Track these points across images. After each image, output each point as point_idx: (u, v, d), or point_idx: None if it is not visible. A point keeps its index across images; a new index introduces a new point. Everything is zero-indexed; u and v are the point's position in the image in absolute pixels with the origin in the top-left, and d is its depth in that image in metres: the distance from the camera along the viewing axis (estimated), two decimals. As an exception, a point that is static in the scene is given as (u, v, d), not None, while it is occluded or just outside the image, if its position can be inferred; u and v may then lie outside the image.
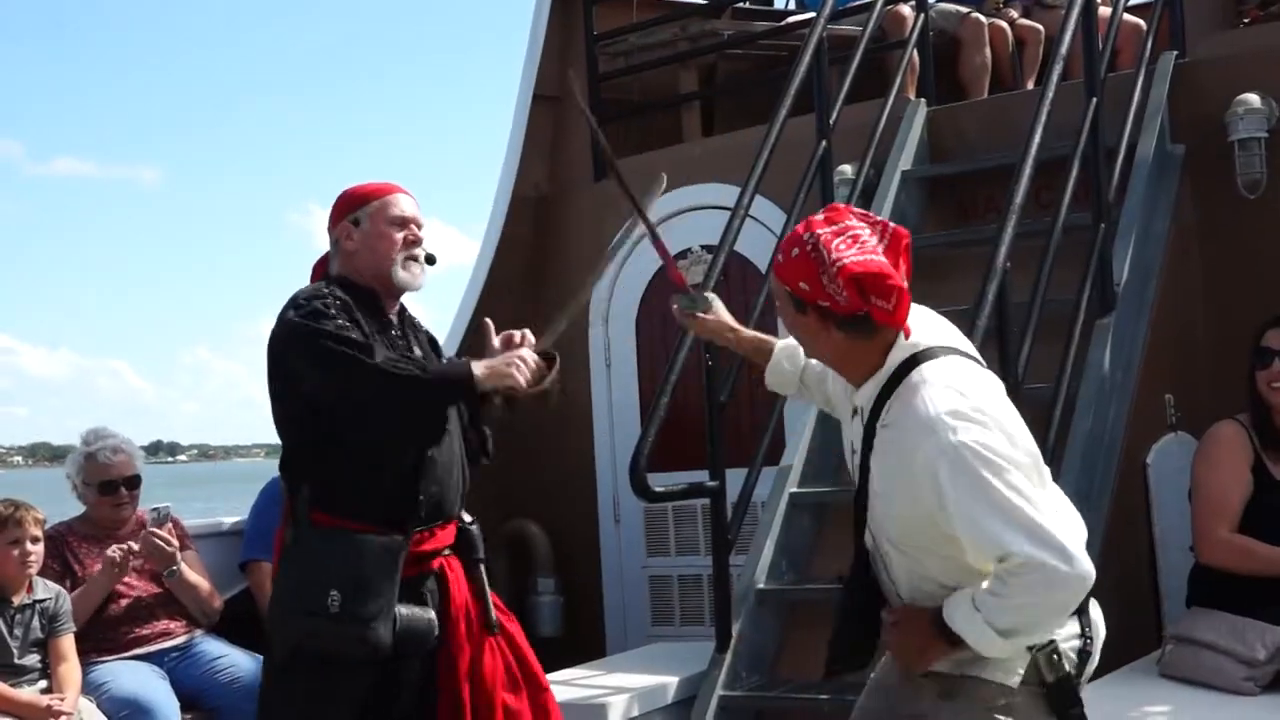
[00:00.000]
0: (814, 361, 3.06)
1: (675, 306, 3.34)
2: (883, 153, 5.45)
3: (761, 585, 4.58)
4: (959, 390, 2.59)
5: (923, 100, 5.76)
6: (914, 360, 2.67)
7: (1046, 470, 2.70)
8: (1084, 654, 2.71)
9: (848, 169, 5.38)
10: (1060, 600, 2.53)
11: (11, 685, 4.48)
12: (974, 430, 2.51)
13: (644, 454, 4.26)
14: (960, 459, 2.49)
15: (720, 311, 3.34)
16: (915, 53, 5.76)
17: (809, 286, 2.66)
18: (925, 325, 2.80)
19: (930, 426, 2.52)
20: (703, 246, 6.13)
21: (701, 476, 4.60)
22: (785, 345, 3.24)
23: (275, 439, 3.63)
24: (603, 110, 6.67)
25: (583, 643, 6.02)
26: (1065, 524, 2.58)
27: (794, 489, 4.76)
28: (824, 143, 5.12)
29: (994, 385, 2.73)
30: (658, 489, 4.35)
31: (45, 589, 4.60)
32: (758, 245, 5.54)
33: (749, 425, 5.39)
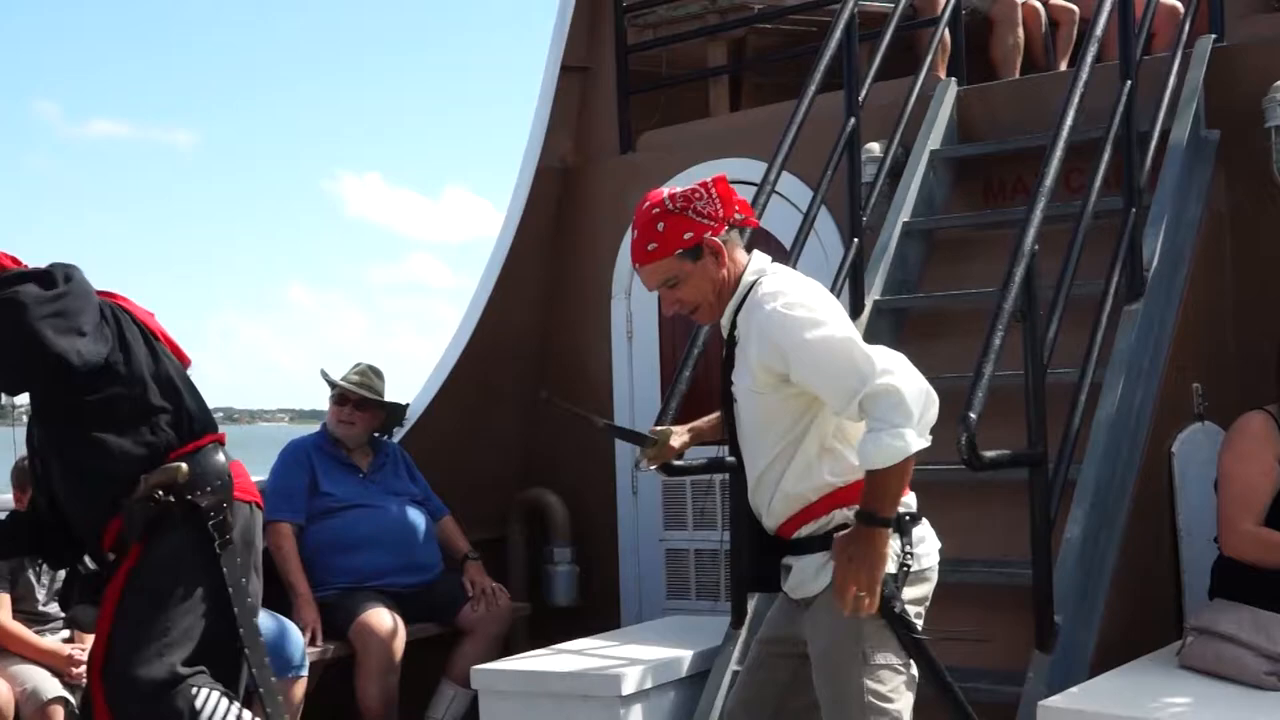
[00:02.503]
0: None
1: (640, 466, 3.81)
2: (911, 132, 5.41)
3: (779, 562, 4.57)
4: (788, 284, 3.19)
5: (953, 79, 5.71)
6: (753, 283, 3.23)
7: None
8: (904, 569, 3.14)
9: (875, 147, 5.35)
10: (918, 400, 3.03)
11: (36, 632, 4.55)
12: (794, 295, 3.12)
13: (665, 427, 4.25)
14: (789, 319, 3.06)
15: (674, 434, 3.73)
16: (947, 31, 5.72)
17: (691, 232, 3.20)
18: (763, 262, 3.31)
19: (761, 304, 3.13)
20: (728, 221, 6.10)
21: (721, 451, 4.59)
22: None
23: (299, 403, 3.88)
24: (630, 83, 6.65)
25: (598, 613, 6.04)
26: (887, 352, 3.11)
27: (814, 465, 4.75)
28: (852, 120, 5.09)
29: (816, 284, 3.28)
30: (676, 463, 4.34)
31: None
32: (784, 222, 5.52)
33: (769, 401, 5.37)
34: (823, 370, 3.06)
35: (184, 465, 3.77)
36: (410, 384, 6.71)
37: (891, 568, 3.09)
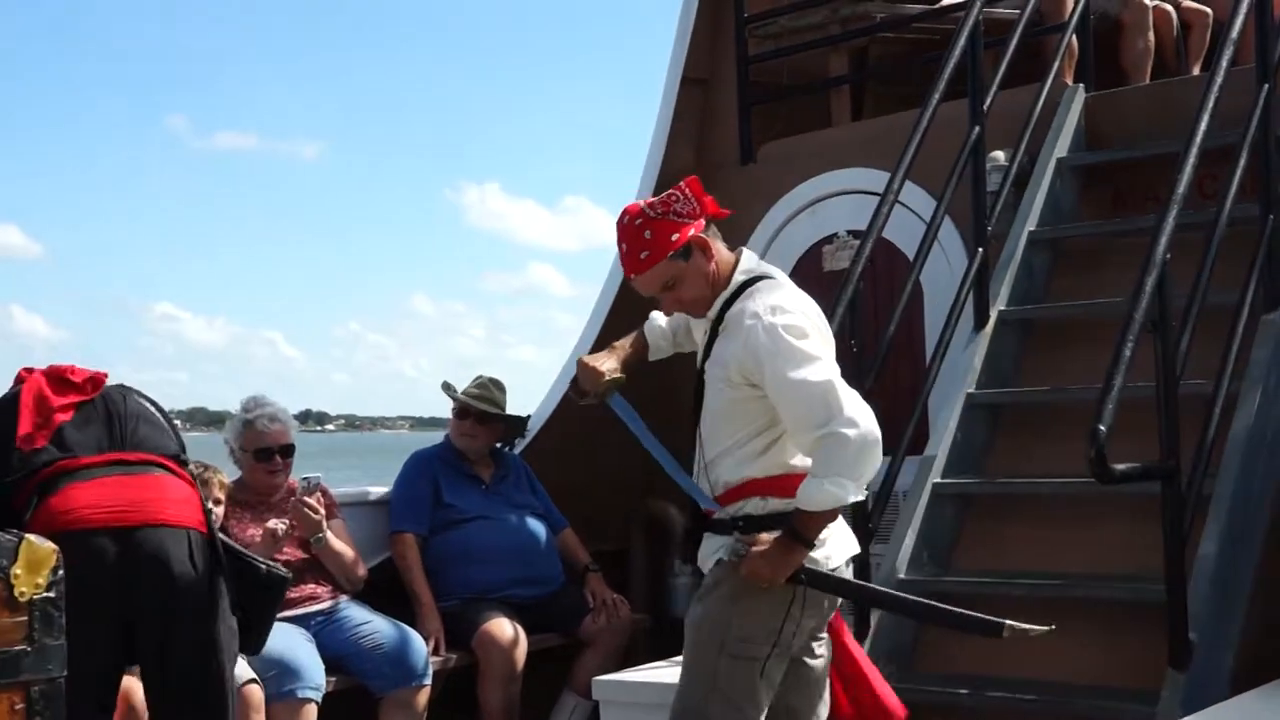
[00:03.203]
0: (673, 324, 3.81)
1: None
2: (1037, 139, 5.32)
3: (902, 575, 4.52)
4: (789, 301, 3.42)
5: (1080, 86, 5.61)
6: (751, 282, 3.47)
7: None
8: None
9: (1000, 155, 5.27)
10: (867, 457, 3.28)
11: None
12: (794, 319, 3.34)
13: (784, 438, 4.22)
14: (782, 343, 3.29)
15: (597, 361, 3.78)
16: (1074, 36, 5.62)
17: (678, 233, 3.44)
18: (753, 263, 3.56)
19: (759, 313, 3.34)
20: (849, 232, 6.06)
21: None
22: (655, 331, 3.89)
23: (419, 411, 3.88)
24: (751, 94, 6.63)
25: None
26: (857, 401, 3.32)
27: (937, 479, 4.69)
28: (977, 128, 5.02)
29: (814, 306, 3.53)
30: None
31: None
32: (906, 231, 5.46)
33: (891, 414, 5.28)
34: (797, 401, 3.30)
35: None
36: (529, 393, 6.75)
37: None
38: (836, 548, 3.50)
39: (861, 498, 3.40)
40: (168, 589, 3.55)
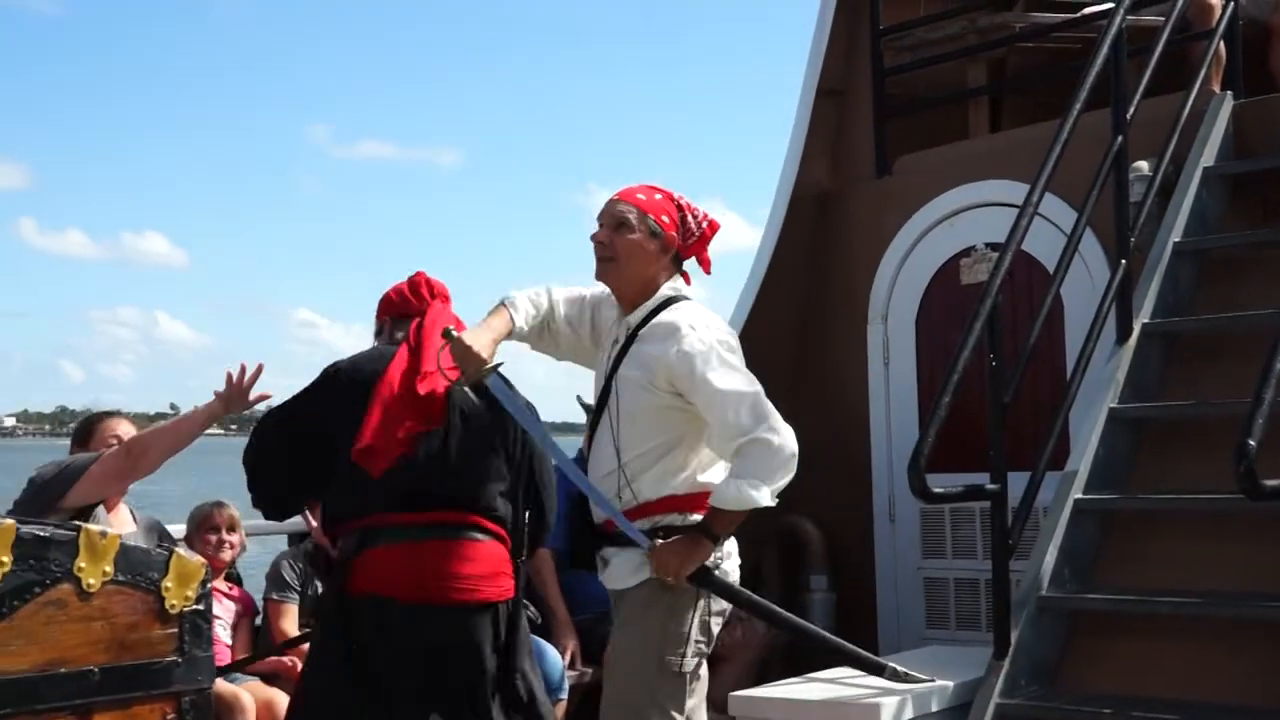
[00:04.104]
0: (568, 311, 3.82)
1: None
2: (1183, 148, 5.20)
3: (1043, 592, 4.44)
4: (712, 319, 3.64)
5: (1229, 93, 5.46)
6: (672, 300, 3.65)
7: None
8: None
9: (1144, 165, 5.16)
10: (786, 466, 3.49)
11: None
12: (721, 333, 3.58)
13: (923, 454, 4.17)
14: (713, 354, 3.48)
15: (475, 342, 3.59)
16: (1222, 42, 5.47)
17: (670, 219, 3.66)
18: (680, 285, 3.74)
19: (687, 325, 3.52)
20: (987, 244, 5.98)
21: (980, 478, 4.47)
22: (528, 314, 3.76)
23: (548, 417, 4.01)
24: (887, 105, 6.58)
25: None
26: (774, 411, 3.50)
27: (1079, 495, 4.60)
28: (1120, 138, 4.91)
29: (715, 322, 3.68)
30: (936, 490, 4.26)
31: None
32: (1046, 244, 5.38)
33: (1032, 428, 5.22)
34: (727, 407, 3.45)
35: (340, 545, 3.84)
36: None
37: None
38: (733, 562, 3.72)
39: (773, 503, 3.52)
40: (466, 673, 3.70)
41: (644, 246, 3.66)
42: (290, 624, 4.81)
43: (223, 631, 4.64)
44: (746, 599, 3.84)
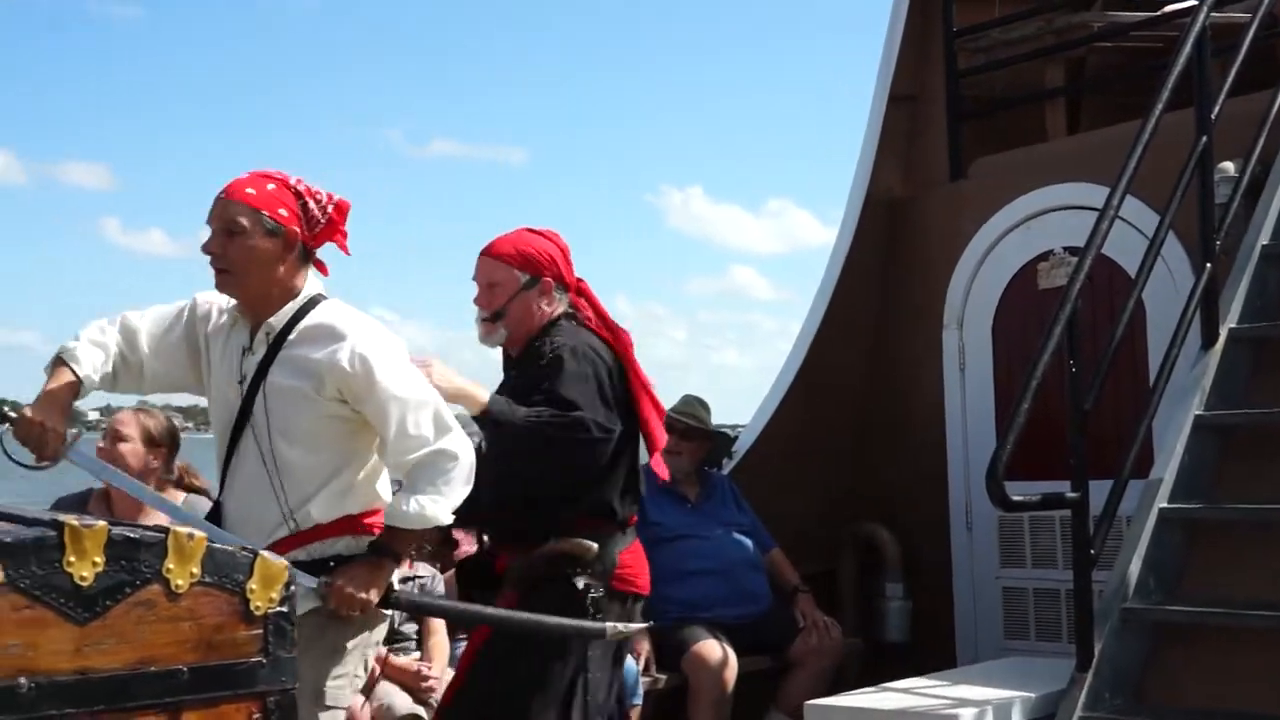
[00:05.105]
0: (153, 338, 3.36)
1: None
2: (1271, 148, 5.08)
3: (1128, 603, 4.35)
4: (373, 322, 3.30)
5: (1319, 90, 5.34)
6: (319, 298, 3.30)
7: None
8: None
9: (1229, 166, 5.05)
10: (467, 481, 3.20)
11: (390, 650, 4.80)
12: (387, 337, 3.26)
13: (1002, 462, 4.12)
14: (387, 358, 3.18)
15: (44, 416, 3.20)
16: (1312, 39, 5.36)
17: (288, 213, 3.24)
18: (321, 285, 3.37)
19: (356, 329, 3.20)
20: (1065, 248, 5.90)
21: (1060, 486, 4.41)
22: (96, 362, 3.28)
23: None
24: (961, 107, 6.52)
25: (931, 651, 5.90)
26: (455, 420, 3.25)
27: (1164, 504, 4.51)
28: (1204, 138, 4.82)
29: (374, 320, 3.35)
30: (1015, 498, 4.20)
31: (424, 567, 4.90)
32: (1127, 247, 5.29)
33: (1113, 435, 5.14)
34: (406, 416, 3.16)
35: (595, 547, 3.77)
36: (731, 396, 6.79)
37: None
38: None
39: (452, 520, 3.25)
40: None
41: (263, 249, 3.23)
42: None
43: None
44: (436, 608, 3.89)
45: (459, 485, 3.19)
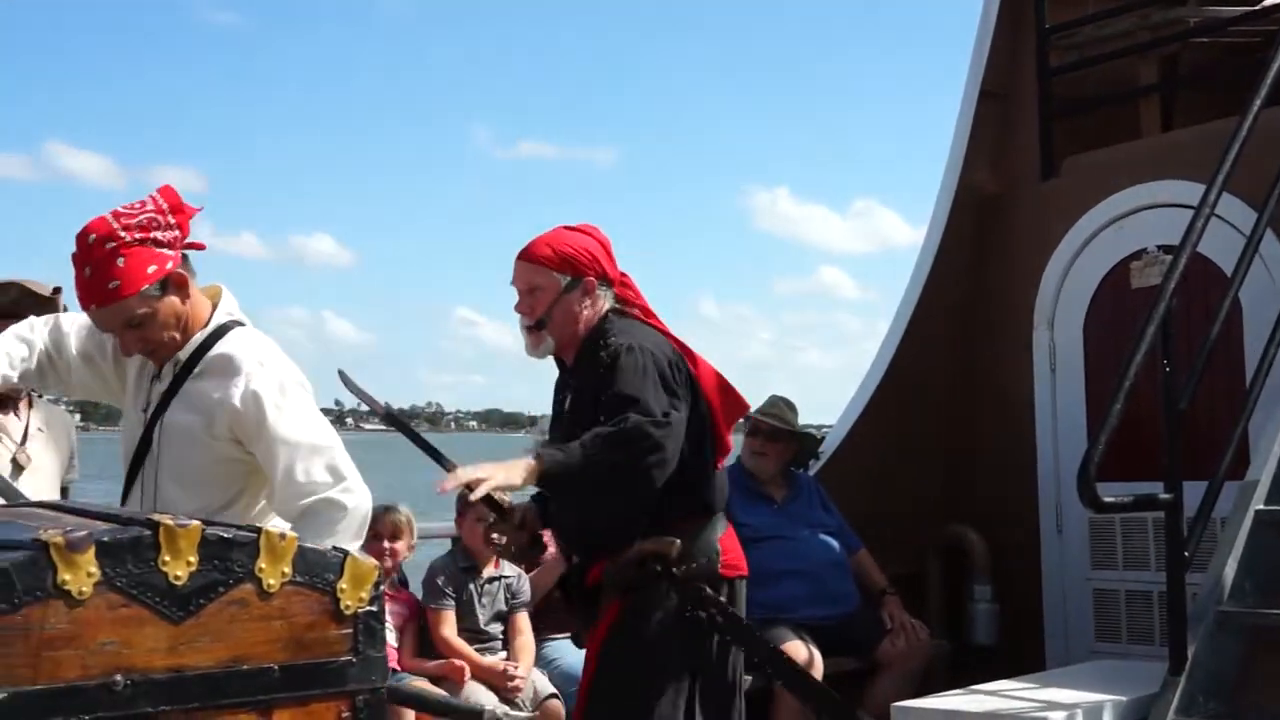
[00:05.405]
0: (85, 342, 3.28)
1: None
2: (1372, 144, 4.97)
3: (1222, 606, 4.28)
4: (275, 354, 3.15)
5: None
6: (230, 325, 3.17)
7: None
8: None
9: (1329, 162, 4.94)
10: (362, 531, 3.07)
11: (476, 650, 4.84)
12: (286, 373, 3.10)
13: (1094, 462, 4.07)
14: (279, 399, 3.02)
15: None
16: None
17: (155, 265, 3.01)
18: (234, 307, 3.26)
19: (259, 364, 3.06)
20: (1159, 247, 5.81)
21: (1153, 487, 4.35)
22: (7, 366, 3.22)
23: None
24: (1053, 105, 6.44)
25: (1021, 653, 5.85)
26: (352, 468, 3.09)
27: (1260, 506, 4.43)
28: (1304, 134, 4.73)
29: (283, 355, 3.20)
30: (1107, 499, 4.15)
31: (509, 567, 4.94)
32: (1222, 246, 5.19)
33: (1206, 435, 5.05)
34: (296, 460, 3.00)
35: (678, 541, 3.68)
36: (817, 395, 6.76)
37: None
38: None
39: None
40: None
41: (165, 315, 3.09)
42: (449, 630, 4.88)
43: (390, 634, 4.73)
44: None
45: (346, 539, 2.96)
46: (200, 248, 3.17)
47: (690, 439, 3.64)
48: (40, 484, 4.24)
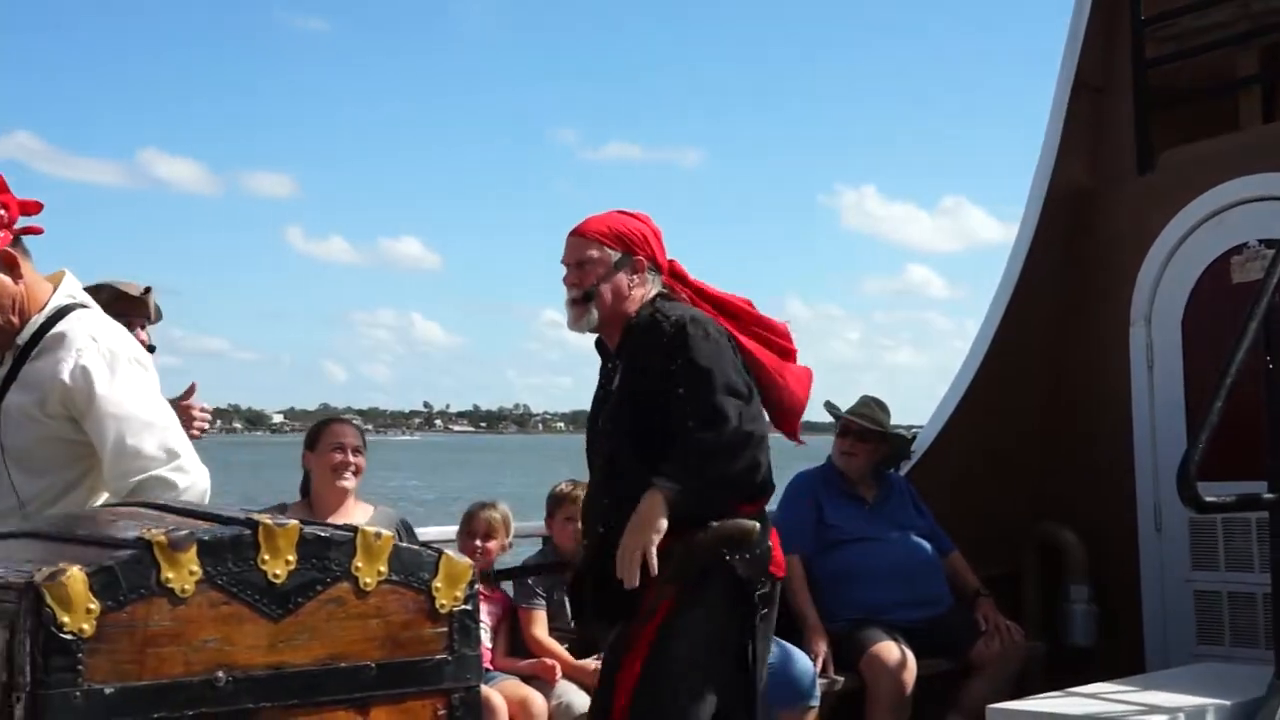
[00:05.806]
0: None
1: None
2: None
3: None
4: (111, 332, 3.10)
5: None
6: (71, 307, 3.11)
7: None
8: None
9: None
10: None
11: (567, 649, 4.86)
12: (120, 348, 3.04)
13: (1194, 461, 3.99)
14: (109, 374, 2.97)
15: None
16: None
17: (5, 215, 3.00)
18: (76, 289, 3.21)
19: (91, 340, 3.00)
20: (1261, 241, 5.69)
21: (1256, 487, 4.25)
22: None
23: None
24: (1150, 98, 6.33)
25: (1118, 656, 5.76)
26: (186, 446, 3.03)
27: (1367, 505, 4.31)
28: None
29: (122, 332, 3.17)
30: (1208, 499, 4.07)
31: None
32: (1327, 239, 5.08)
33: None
34: (125, 434, 2.94)
35: (756, 525, 3.61)
36: (907, 395, 6.69)
37: None
38: None
39: None
40: None
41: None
42: (541, 629, 4.90)
43: (484, 634, 4.76)
44: None
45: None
46: (38, 232, 3.13)
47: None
48: None
